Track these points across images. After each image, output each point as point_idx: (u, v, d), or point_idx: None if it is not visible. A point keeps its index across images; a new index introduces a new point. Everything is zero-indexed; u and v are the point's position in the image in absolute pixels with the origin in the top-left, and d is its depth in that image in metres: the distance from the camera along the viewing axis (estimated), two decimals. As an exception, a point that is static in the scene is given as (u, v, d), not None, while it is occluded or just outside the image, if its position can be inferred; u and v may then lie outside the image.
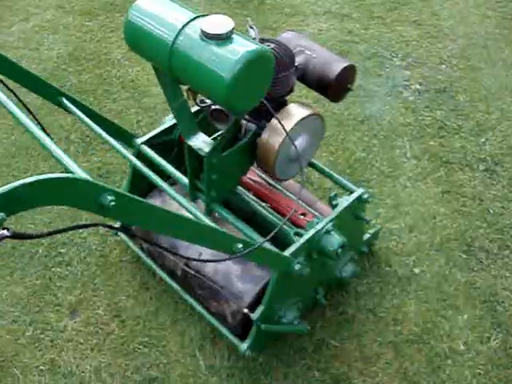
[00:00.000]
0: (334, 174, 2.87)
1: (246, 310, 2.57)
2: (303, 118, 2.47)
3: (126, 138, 2.91)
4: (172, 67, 2.04)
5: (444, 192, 3.63)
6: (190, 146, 2.44)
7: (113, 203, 1.34)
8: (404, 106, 4.24)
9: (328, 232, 2.56)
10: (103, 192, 1.33)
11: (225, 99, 1.93)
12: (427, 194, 3.62)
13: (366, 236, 3.13)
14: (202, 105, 2.38)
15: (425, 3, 5.32)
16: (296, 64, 2.56)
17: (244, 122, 2.58)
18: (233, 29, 1.92)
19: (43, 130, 2.45)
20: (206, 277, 2.75)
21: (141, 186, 2.99)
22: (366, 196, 2.71)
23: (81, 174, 1.51)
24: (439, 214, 3.50)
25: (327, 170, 2.88)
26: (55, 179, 1.22)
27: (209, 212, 2.67)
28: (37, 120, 2.50)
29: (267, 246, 2.30)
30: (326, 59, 2.60)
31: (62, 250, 3.28)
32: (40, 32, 4.85)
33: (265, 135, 2.48)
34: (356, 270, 2.99)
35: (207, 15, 1.99)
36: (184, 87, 2.26)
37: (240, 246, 1.94)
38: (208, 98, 2.14)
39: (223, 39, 1.91)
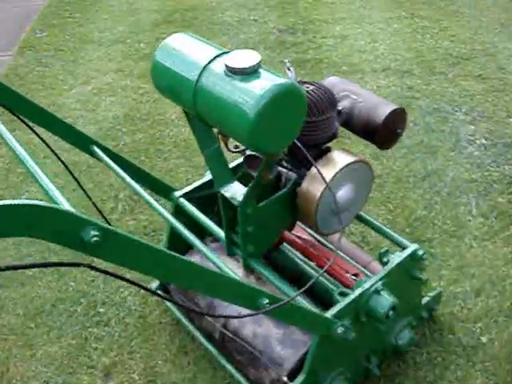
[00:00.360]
0: (385, 228, 2.62)
1: (285, 379, 2.31)
2: (346, 166, 2.27)
3: (164, 191, 2.79)
4: (197, 106, 1.92)
5: (515, 252, 3.28)
6: (223, 196, 2.28)
7: (95, 239, 1.17)
8: (469, 161, 3.96)
9: (377, 292, 2.30)
10: (86, 225, 1.16)
11: (248, 138, 1.76)
12: (496, 254, 3.28)
13: (426, 299, 2.81)
14: (235, 150, 2.23)
15: (489, 57, 5.10)
16: (340, 108, 2.40)
17: (284, 170, 2.41)
18: (259, 62, 1.78)
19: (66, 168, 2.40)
20: (244, 340, 2.51)
21: (180, 242, 2.84)
22: (420, 252, 2.43)
23: (65, 205, 1.36)
24: (509, 276, 3.14)
25: (377, 223, 2.64)
26: (29, 206, 1.07)
27: (247, 268, 2.47)
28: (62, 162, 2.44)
29: (303, 303, 2.05)
30: (372, 103, 2.42)
31: (100, 310, 3.14)
32: (98, 94, 4.95)
33: (304, 184, 2.30)
34: (413, 337, 2.67)
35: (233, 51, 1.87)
36: (216, 130, 2.13)
37: (266, 301, 1.72)
38: (234, 139, 1.99)
39: (248, 74, 1.77)
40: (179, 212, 2.74)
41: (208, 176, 2.81)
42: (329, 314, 2.17)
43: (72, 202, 3.80)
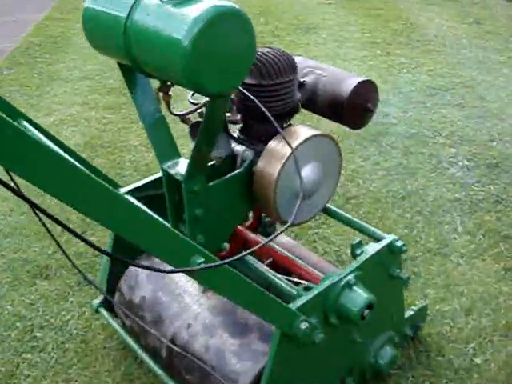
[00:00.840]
0: (357, 220, 2.29)
1: (240, 395, 1.90)
2: (309, 138, 1.97)
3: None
4: (129, 48, 1.63)
5: (507, 269, 2.94)
6: (167, 173, 1.96)
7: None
8: (451, 181, 3.68)
9: (349, 286, 1.94)
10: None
11: (184, 71, 1.46)
12: (486, 272, 2.94)
13: (409, 313, 2.44)
14: (178, 113, 1.92)
15: (468, 89, 4.94)
16: (302, 80, 2.13)
17: (240, 150, 2.09)
18: (199, -13, 1.51)
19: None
20: (194, 355, 2.11)
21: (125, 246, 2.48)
22: (399, 244, 2.09)
23: None
24: (502, 293, 2.79)
25: (346, 215, 2.31)
26: None
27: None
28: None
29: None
30: (338, 76, 2.15)
31: (37, 334, 2.71)
32: (60, 125, 4.67)
33: (261, 162, 1.98)
34: (396, 355, 2.29)
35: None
36: (155, 88, 1.83)
37: (201, 259, 1.36)
38: (172, 80, 1.68)
39: (184, -2, 1.50)
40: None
41: (160, 174, 2.49)
42: (291, 306, 1.80)
43: (20, 224, 3.50)
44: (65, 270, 3.11)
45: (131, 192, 2.39)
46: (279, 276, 2.22)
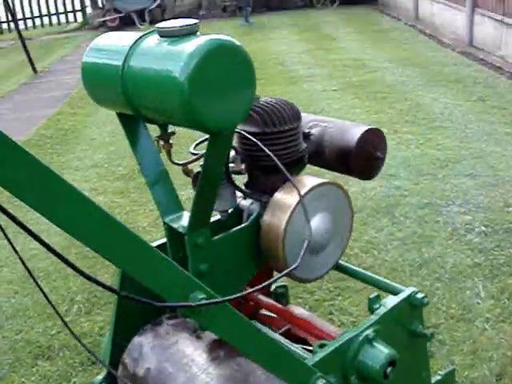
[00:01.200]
0: (373, 275, 2.16)
1: None
2: (317, 187, 1.89)
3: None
4: (127, 94, 1.60)
5: (537, 332, 2.75)
6: (169, 227, 1.87)
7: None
8: (469, 247, 3.55)
9: (368, 341, 1.79)
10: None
11: (183, 108, 1.42)
12: (515, 335, 2.75)
13: (436, 378, 2.25)
14: (179, 162, 1.86)
15: (478, 160, 4.90)
16: (307, 131, 2.08)
17: (246, 204, 2.02)
18: (196, 24, 1.50)
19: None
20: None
21: (130, 316, 2.36)
22: (419, 296, 1.95)
23: None
24: (535, 357, 2.59)
25: (361, 270, 2.19)
26: None
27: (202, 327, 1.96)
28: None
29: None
30: (344, 127, 2.10)
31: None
32: (69, 210, 4.64)
33: (267, 214, 1.90)
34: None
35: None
36: (155, 136, 1.78)
37: (201, 296, 1.24)
38: (171, 122, 1.63)
39: (180, 35, 1.48)
40: (128, 276, 2.29)
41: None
42: (306, 362, 1.65)
43: (23, 306, 3.38)
44: (68, 350, 2.96)
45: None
46: (294, 345, 2.07)
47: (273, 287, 2.56)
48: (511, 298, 3.02)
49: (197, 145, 1.96)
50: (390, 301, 1.91)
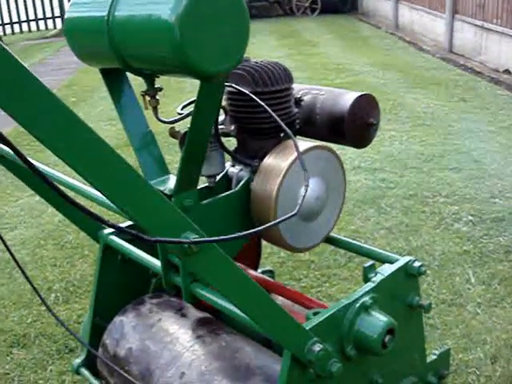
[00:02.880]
0: (366, 245, 2.08)
1: None
2: (310, 150, 1.81)
3: (91, 228, 2.25)
4: (114, 44, 1.51)
5: (530, 315, 2.69)
6: (155, 190, 1.77)
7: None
8: (457, 236, 3.50)
9: (365, 309, 1.70)
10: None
11: (174, 49, 1.33)
12: (508, 319, 2.70)
13: (432, 358, 2.17)
14: (165, 120, 1.76)
15: (463, 155, 4.87)
16: (299, 96, 2.00)
17: (235, 171, 1.93)
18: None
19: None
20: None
21: (109, 298, 2.25)
22: (416, 264, 1.86)
23: None
24: (529, 339, 2.53)
25: (355, 242, 2.11)
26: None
27: (188, 299, 1.86)
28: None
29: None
30: (335, 93, 2.03)
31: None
32: (45, 204, 4.47)
33: (258, 179, 1.81)
34: (421, 403, 2.00)
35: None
36: (142, 91, 1.68)
37: (193, 236, 1.14)
38: (162, 69, 1.53)
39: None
40: (109, 256, 2.19)
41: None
42: (300, 327, 1.55)
43: (0, 294, 3.23)
44: (44, 338, 2.82)
45: (116, 232, 2.19)
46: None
47: (259, 271, 2.47)
48: (502, 283, 2.97)
49: (184, 106, 1.87)
50: (387, 269, 1.83)
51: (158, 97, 1.69)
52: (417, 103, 6.57)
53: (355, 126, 1.97)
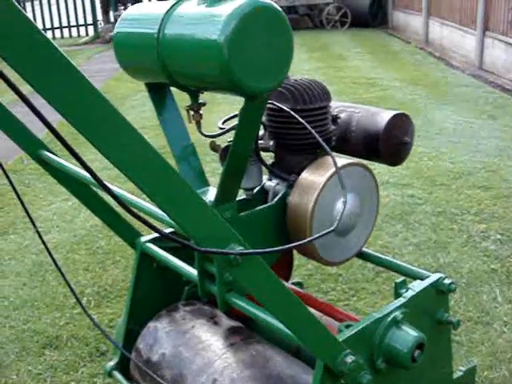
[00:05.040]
0: (398, 261, 2.11)
1: None
2: (345, 167, 1.86)
3: (128, 235, 2.33)
4: (162, 60, 1.58)
5: (558, 336, 2.70)
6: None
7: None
8: (485, 254, 3.51)
9: (396, 323, 1.74)
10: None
11: (221, 69, 1.39)
12: (535, 339, 2.69)
13: (458, 374, 2.20)
14: (208, 134, 1.83)
15: (491, 173, 4.87)
16: (335, 113, 2.06)
17: (271, 184, 1.99)
18: (235, -13, 1.49)
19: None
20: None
21: (144, 305, 2.32)
22: (447, 281, 1.90)
23: None
24: (557, 360, 2.53)
25: (386, 257, 2.15)
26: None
27: (223, 307, 1.91)
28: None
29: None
30: (371, 112, 2.08)
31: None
32: (78, 209, 4.60)
33: (294, 194, 1.87)
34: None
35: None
36: (186, 105, 1.75)
37: (239, 248, 1.20)
38: (209, 86, 1.59)
39: (218, -3, 1.47)
40: (145, 263, 2.27)
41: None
42: (333, 340, 1.60)
43: (31, 297, 3.32)
44: (76, 340, 2.90)
45: (153, 240, 2.27)
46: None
47: (289, 283, 2.52)
48: (530, 303, 2.97)
49: (225, 121, 1.94)
50: (418, 285, 1.87)
51: (201, 111, 1.76)
52: (446, 120, 6.57)
53: (390, 144, 2.01)
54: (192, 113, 1.75)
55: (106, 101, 1.01)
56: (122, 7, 17.02)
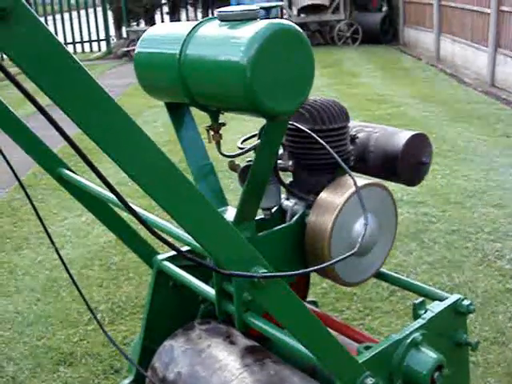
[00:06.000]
0: (415, 282, 2.10)
1: None
2: (366, 186, 1.86)
3: (145, 253, 2.34)
4: (184, 82, 1.60)
5: None
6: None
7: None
8: (501, 273, 3.48)
9: (415, 345, 1.73)
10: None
11: (244, 90, 1.41)
12: (552, 360, 2.66)
13: (475, 395, 2.17)
14: (228, 154, 1.83)
15: (506, 191, 4.85)
16: (353, 133, 2.06)
17: (289, 204, 1.99)
18: (255, 10, 1.50)
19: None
20: None
21: (160, 323, 2.32)
22: (466, 303, 1.89)
23: None
24: None
25: (404, 278, 2.14)
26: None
27: (241, 327, 1.91)
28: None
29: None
30: (389, 132, 2.08)
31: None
32: (91, 225, 4.62)
33: (313, 214, 1.86)
34: None
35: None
36: (206, 126, 1.76)
37: (262, 270, 1.20)
38: (231, 106, 1.60)
39: (240, 20, 1.48)
40: (161, 281, 2.27)
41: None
42: (353, 360, 1.59)
43: (45, 313, 3.33)
44: (91, 357, 2.90)
45: (170, 258, 2.27)
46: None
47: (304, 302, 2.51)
48: (546, 324, 2.94)
49: (244, 140, 1.95)
50: (437, 306, 1.86)
51: (220, 131, 1.77)
52: (459, 137, 6.56)
53: (408, 164, 2.02)
54: (212, 133, 1.76)
55: (127, 116, 1.02)
56: (135, 23, 17.23)
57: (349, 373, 1.53)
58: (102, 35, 17.36)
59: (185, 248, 2.10)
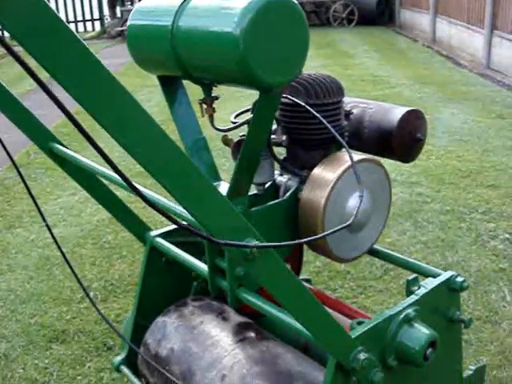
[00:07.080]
0: (409, 258, 2.10)
1: None
2: (361, 161, 1.85)
3: (138, 230, 2.32)
4: (176, 53, 1.57)
5: None
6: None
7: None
8: (494, 253, 3.49)
9: (408, 321, 1.72)
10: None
11: (237, 61, 1.38)
12: (544, 338, 2.67)
13: (468, 372, 2.18)
14: (220, 128, 1.81)
15: (500, 172, 4.85)
16: (348, 109, 2.04)
17: (283, 180, 1.97)
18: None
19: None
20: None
21: (152, 299, 2.31)
22: (459, 279, 1.88)
23: None
24: None
25: (397, 255, 2.13)
26: None
27: (233, 303, 1.90)
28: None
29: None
30: (384, 108, 2.06)
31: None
32: (85, 203, 4.60)
33: (306, 189, 1.85)
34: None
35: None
36: (200, 99, 1.74)
37: (254, 242, 1.19)
38: (224, 79, 1.58)
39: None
40: (154, 258, 2.25)
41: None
42: (345, 336, 1.59)
43: (37, 291, 3.32)
44: (83, 335, 2.90)
45: (163, 235, 2.25)
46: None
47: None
48: (539, 303, 2.95)
49: (237, 115, 1.93)
50: (430, 282, 1.85)
51: (214, 105, 1.75)
52: (454, 118, 6.54)
53: (403, 140, 2.00)
54: (205, 106, 1.73)
55: (124, 89, 1.00)
56: (129, 2, 17.04)
57: (342, 348, 1.53)
58: (96, 15, 17.19)
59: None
